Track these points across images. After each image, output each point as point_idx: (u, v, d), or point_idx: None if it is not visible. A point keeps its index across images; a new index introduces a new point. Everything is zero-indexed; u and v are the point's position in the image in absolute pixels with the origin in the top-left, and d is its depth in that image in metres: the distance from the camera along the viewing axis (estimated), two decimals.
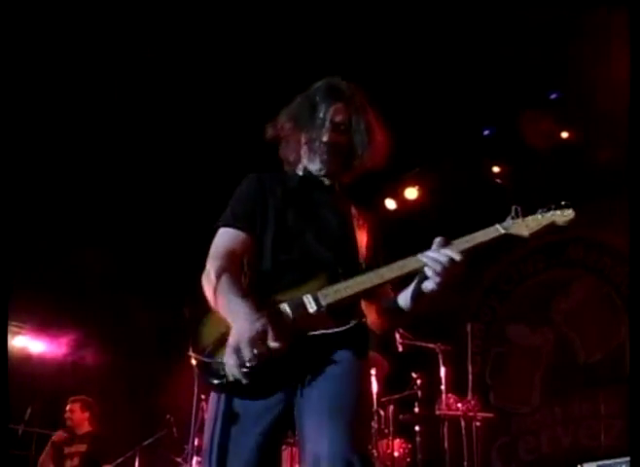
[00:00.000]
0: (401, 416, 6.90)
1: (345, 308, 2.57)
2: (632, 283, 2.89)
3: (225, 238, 2.75)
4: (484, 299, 8.98)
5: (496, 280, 8.92)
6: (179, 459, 7.43)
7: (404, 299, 2.78)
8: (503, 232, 2.68)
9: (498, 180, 8.60)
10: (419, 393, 6.81)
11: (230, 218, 2.79)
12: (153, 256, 9.59)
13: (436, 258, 2.56)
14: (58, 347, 10.10)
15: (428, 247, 2.61)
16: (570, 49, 6.79)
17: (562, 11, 6.55)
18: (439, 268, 2.55)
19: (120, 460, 7.71)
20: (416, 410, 6.78)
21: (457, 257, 2.56)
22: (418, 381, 6.84)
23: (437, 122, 7.68)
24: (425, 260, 2.58)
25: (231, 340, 2.40)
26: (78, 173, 8.45)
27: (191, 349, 2.50)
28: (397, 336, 6.93)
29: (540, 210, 2.68)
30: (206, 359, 2.47)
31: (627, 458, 6.46)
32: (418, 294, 2.70)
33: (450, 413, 6.57)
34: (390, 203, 8.94)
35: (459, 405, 6.61)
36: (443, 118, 7.65)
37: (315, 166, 2.86)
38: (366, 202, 3.01)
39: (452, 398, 6.67)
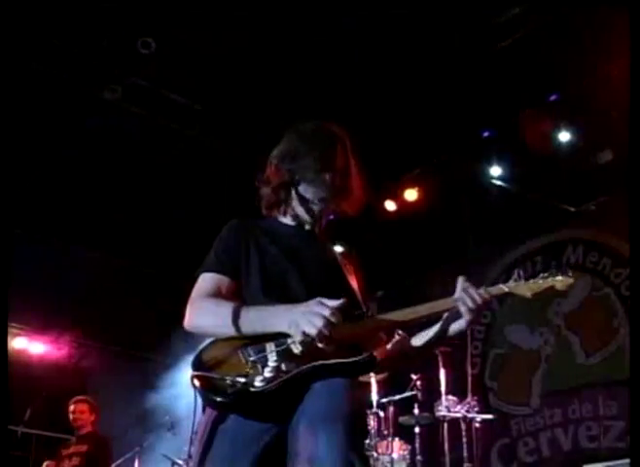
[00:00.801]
0: (400, 418, 6.91)
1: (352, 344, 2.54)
2: (633, 283, 2.90)
3: (209, 283, 2.66)
4: None
5: (495, 282, 8.89)
6: (179, 461, 7.43)
7: (420, 340, 2.85)
8: (506, 290, 2.83)
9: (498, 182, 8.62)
10: (419, 395, 6.82)
11: (213, 264, 2.69)
12: (152, 257, 9.60)
13: (472, 294, 2.71)
14: (58, 349, 10.11)
15: (427, 248, 2.63)
16: (569, 50, 6.79)
17: (561, 12, 6.56)
18: (472, 304, 2.68)
19: (120, 461, 7.72)
20: (416, 411, 6.78)
21: (487, 296, 2.72)
22: (418, 383, 6.85)
23: (436, 123, 7.68)
24: (462, 296, 2.72)
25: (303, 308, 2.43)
26: (77, 174, 8.46)
27: (193, 368, 2.45)
28: (396, 337, 6.93)
29: (542, 274, 2.83)
30: (209, 374, 2.42)
31: (627, 460, 6.48)
32: (442, 334, 2.79)
33: (450, 414, 6.57)
34: (390, 205, 8.92)
35: (459, 406, 6.61)
36: (442, 119, 7.65)
37: (313, 206, 2.74)
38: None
39: (452, 399, 6.68)
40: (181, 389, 8.32)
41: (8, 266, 2.87)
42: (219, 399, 2.41)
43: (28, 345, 9.83)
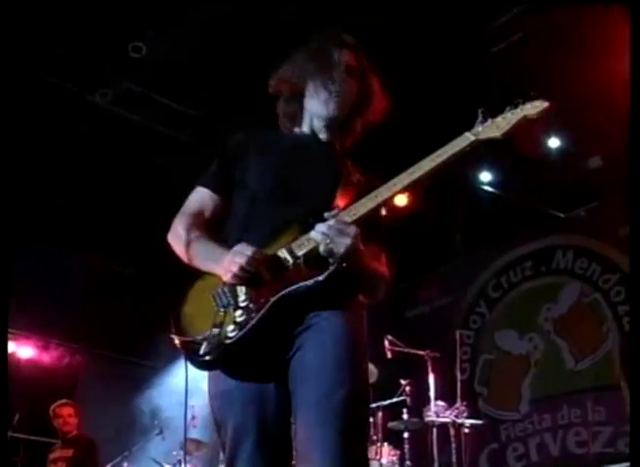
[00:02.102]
0: (390, 423, 6.91)
1: (324, 259, 2.39)
2: (632, 283, 2.82)
3: (197, 197, 2.73)
4: (473, 306, 9.00)
5: (485, 287, 8.94)
6: (168, 465, 7.42)
7: None
8: (473, 138, 2.52)
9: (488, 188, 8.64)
10: (408, 400, 6.81)
11: (206, 178, 2.76)
12: (142, 262, 9.58)
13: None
14: (47, 353, 10.07)
15: (417, 253, 2.58)
16: (559, 56, 6.81)
17: (553, 18, 6.58)
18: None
19: (109, 466, 7.69)
20: (405, 416, 6.77)
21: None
22: (407, 388, 6.85)
23: (427, 127, 7.69)
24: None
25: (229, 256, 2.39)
26: (67, 178, 8.45)
27: (173, 331, 2.45)
28: (386, 343, 6.94)
29: (508, 108, 2.48)
30: (185, 337, 2.41)
31: (616, 466, 6.51)
32: None
33: (439, 419, 6.58)
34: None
35: (448, 412, 6.62)
36: (433, 123, 7.66)
37: (325, 112, 2.69)
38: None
39: (441, 405, 6.69)
40: (170, 394, 8.32)
41: (8, 271, 2.88)
42: (199, 360, 2.38)
43: (17, 349, 9.80)
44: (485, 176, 8.65)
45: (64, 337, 10.00)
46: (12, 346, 9.70)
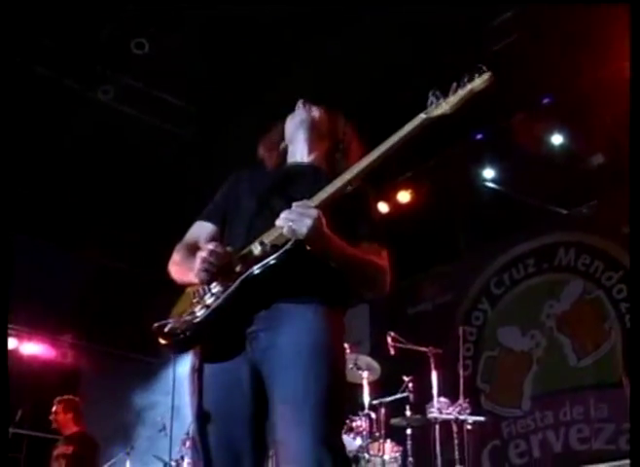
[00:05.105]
0: (392, 420, 6.91)
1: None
2: (632, 283, 2.85)
3: (193, 230, 2.95)
4: (476, 302, 8.99)
5: (487, 284, 8.93)
6: (171, 462, 7.42)
7: None
8: (424, 116, 2.61)
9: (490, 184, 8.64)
10: (411, 396, 6.81)
11: (203, 212, 2.97)
12: (145, 259, 9.58)
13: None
14: (49, 349, 10.10)
15: (420, 250, 2.61)
16: (562, 53, 6.81)
17: (554, 15, 6.57)
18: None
19: (111, 462, 7.70)
20: (408, 413, 6.77)
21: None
22: (410, 385, 6.85)
23: (430, 125, 7.69)
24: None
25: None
26: (69, 175, 8.45)
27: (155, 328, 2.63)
28: (389, 339, 6.95)
29: (454, 84, 2.56)
30: (162, 322, 2.60)
31: (618, 462, 6.50)
32: None
33: (442, 416, 6.58)
34: (382, 207, 8.93)
35: (450, 408, 6.62)
36: (435, 121, 7.66)
37: (297, 147, 2.99)
38: None
39: (444, 401, 6.68)
40: (174, 391, 8.33)
41: (9, 267, 2.96)
42: (174, 340, 2.54)
43: (19, 346, 9.82)
44: (488, 173, 8.65)
45: (67, 333, 10.02)
46: (14, 343, 9.73)
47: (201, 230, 2.91)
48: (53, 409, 7.79)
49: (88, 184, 8.57)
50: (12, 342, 9.68)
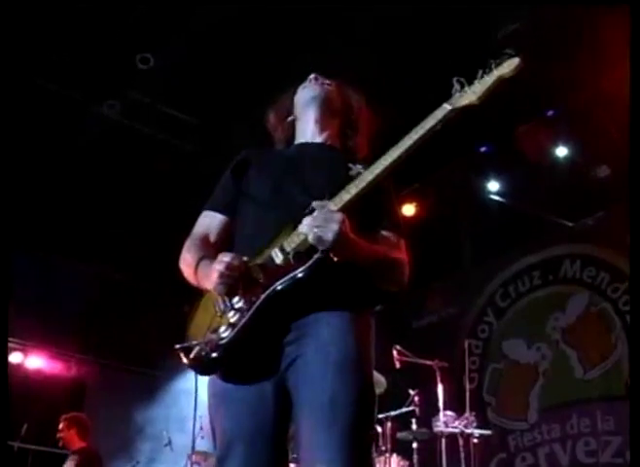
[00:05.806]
0: (398, 434, 6.89)
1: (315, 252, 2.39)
2: (633, 289, 2.81)
3: (202, 221, 2.78)
4: (481, 315, 8.98)
5: (493, 297, 8.92)
6: None
7: None
8: (450, 107, 2.49)
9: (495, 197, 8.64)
10: (417, 410, 6.80)
11: (209, 201, 2.83)
12: (151, 272, 9.59)
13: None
14: (55, 363, 10.08)
15: (425, 263, 2.57)
16: (567, 66, 6.81)
17: (559, 27, 6.58)
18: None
19: None
20: (414, 427, 6.75)
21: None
22: (416, 398, 6.84)
23: (434, 138, 7.70)
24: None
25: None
26: (75, 189, 8.47)
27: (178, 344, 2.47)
28: (394, 352, 6.93)
29: (481, 72, 2.45)
30: (186, 345, 2.43)
31: None
32: None
33: (448, 429, 6.56)
34: None
35: (457, 422, 6.59)
36: (440, 134, 7.67)
37: (307, 125, 2.86)
38: None
39: (450, 415, 6.66)
40: (179, 404, 8.32)
41: (8, 280, 2.90)
42: (196, 364, 2.41)
43: (24, 360, 9.81)
44: (493, 185, 8.65)
45: (72, 347, 10.02)
46: (20, 357, 9.72)
47: (211, 221, 2.76)
48: (59, 427, 7.77)
49: (93, 197, 8.58)
50: (17, 357, 9.67)
